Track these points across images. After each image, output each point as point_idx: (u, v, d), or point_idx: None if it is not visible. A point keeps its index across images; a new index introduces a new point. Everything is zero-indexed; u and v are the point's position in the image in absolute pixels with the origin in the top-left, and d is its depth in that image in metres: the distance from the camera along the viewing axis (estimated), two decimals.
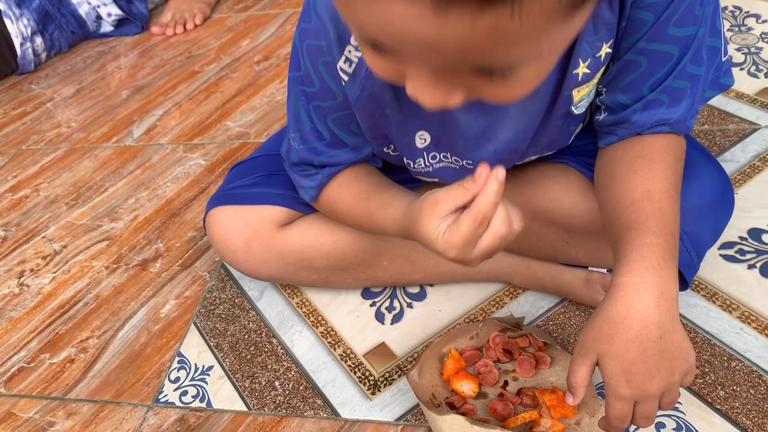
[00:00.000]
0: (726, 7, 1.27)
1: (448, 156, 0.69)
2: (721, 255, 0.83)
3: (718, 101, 1.05)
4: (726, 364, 0.72)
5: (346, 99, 0.64)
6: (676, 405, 0.69)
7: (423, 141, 0.67)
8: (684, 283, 0.71)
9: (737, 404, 0.68)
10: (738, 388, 0.69)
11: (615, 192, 0.62)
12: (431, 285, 0.87)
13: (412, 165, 0.71)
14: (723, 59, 0.65)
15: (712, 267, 0.81)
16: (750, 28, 1.20)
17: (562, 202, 0.75)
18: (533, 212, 0.76)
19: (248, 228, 0.79)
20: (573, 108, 0.65)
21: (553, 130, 0.68)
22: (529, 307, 0.81)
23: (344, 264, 0.81)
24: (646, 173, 0.61)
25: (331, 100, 0.65)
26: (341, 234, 0.79)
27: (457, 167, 0.70)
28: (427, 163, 0.70)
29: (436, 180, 0.74)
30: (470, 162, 0.68)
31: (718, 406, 0.68)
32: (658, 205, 0.58)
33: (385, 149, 0.71)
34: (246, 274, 0.84)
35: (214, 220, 0.81)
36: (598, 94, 0.65)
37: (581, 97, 0.64)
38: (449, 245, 0.54)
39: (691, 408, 0.69)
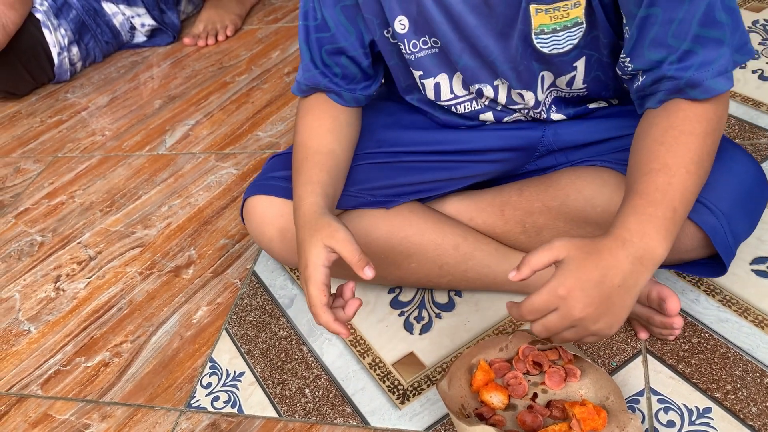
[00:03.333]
0: (757, 20, 1.26)
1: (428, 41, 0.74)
2: (753, 270, 0.82)
3: (750, 115, 1.05)
4: (758, 380, 0.71)
5: None
6: (708, 421, 0.68)
7: (402, 27, 0.73)
8: (722, 267, 0.73)
9: None
10: None
11: (639, 159, 0.65)
12: (459, 296, 0.87)
13: (404, 49, 0.75)
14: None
15: (744, 282, 0.81)
16: None
17: (597, 200, 0.76)
18: (567, 215, 0.77)
19: (283, 219, 0.81)
20: (533, 35, 0.68)
21: (512, 52, 0.71)
22: None
23: (373, 261, 0.80)
24: (670, 146, 0.64)
25: None
26: (374, 235, 0.80)
27: (437, 52, 0.75)
28: (409, 51, 0.75)
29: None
30: (437, 42, 0.73)
31: (751, 422, 0.68)
32: (670, 179, 0.62)
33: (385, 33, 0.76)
34: (281, 261, 0.89)
35: (252, 208, 0.84)
36: (624, 66, 0.68)
37: (542, 26, 0.68)
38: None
39: (723, 424, 0.68)
